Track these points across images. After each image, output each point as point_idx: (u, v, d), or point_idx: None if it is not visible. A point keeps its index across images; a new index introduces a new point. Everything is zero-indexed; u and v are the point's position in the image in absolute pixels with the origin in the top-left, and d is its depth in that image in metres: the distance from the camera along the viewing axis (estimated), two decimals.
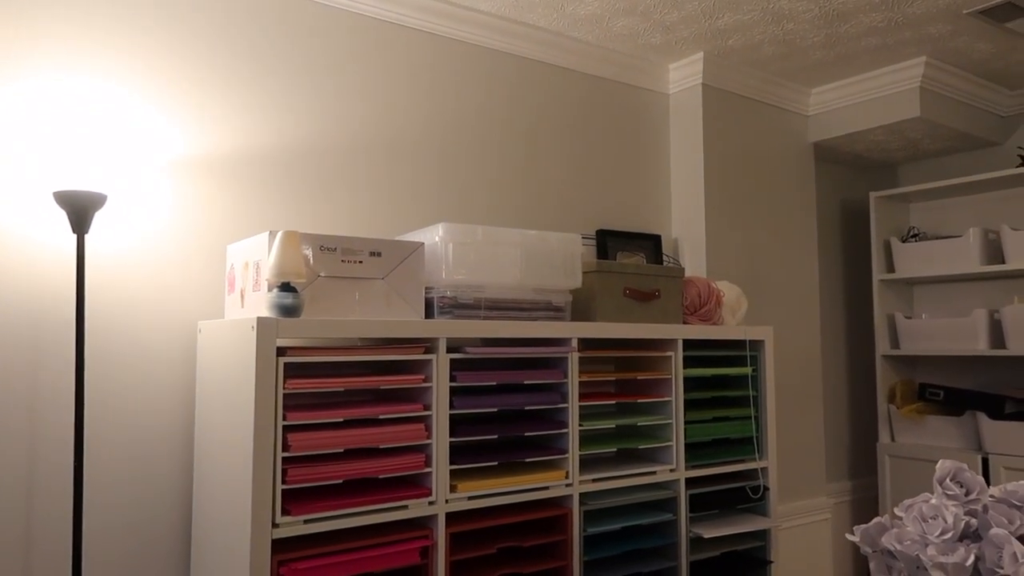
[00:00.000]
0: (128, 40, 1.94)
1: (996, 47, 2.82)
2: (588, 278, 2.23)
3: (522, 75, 2.66)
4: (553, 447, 2.10)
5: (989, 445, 2.98)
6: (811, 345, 3.23)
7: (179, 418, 1.96)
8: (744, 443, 2.49)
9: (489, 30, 2.54)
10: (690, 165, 2.97)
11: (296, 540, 1.69)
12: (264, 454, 1.59)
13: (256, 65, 2.13)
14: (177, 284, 1.98)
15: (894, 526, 1.16)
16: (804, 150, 3.31)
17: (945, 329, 3.21)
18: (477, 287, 1.99)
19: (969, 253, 3.14)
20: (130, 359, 1.90)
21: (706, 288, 2.47)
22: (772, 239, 3.13)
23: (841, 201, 3.75)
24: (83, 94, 1.87)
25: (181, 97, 2.01)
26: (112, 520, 1.86)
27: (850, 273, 3.76)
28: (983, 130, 3.26)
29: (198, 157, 2.02)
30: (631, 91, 2.96)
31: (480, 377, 1.93)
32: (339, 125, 2.26)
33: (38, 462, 1.77)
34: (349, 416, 1.73)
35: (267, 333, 1.61)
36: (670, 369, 2.29)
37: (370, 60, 2.33)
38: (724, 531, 2.30)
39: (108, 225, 1.89)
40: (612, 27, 2.63)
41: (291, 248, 1.64)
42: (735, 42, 2.77)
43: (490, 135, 2.57)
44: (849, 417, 3.67)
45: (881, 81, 3.05)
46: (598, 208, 2.82)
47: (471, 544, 1.93)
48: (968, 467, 1.16)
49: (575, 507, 2.05)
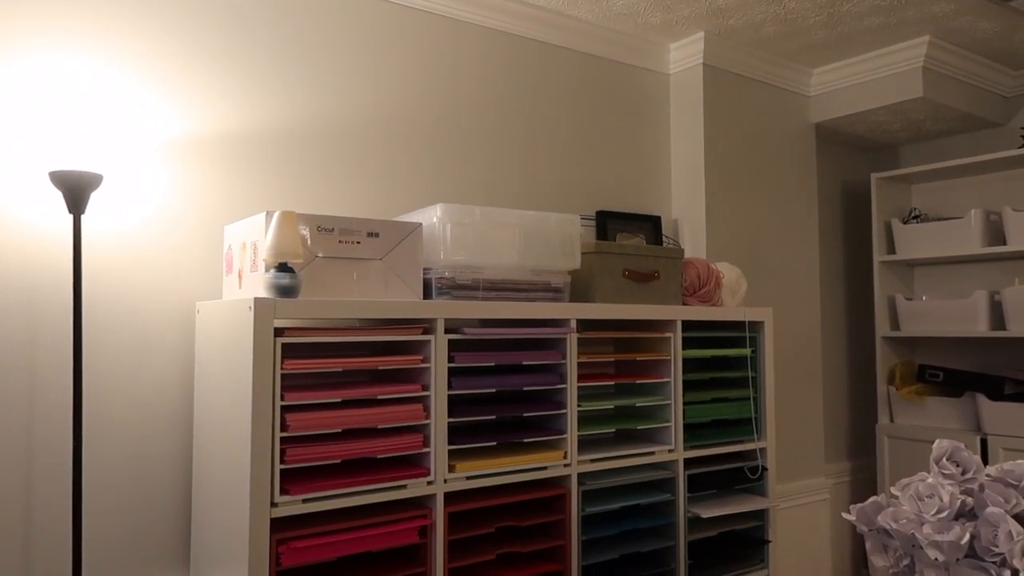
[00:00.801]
0: (123, 19, 1.92)
1: (1000, 26, 2.80)
2: (587, 259, 2.23)
3: (521, 55, 2.64)
4: (552, 427, 2.10)
5: (988, 426, 2.98)
6: (811, 326, 3.23)
7: (178, 399, 1.96)
8: (743, 424, 2.49)
9: (487, 9, 2.52)
10: (690, 146, 2.95)
11: (295, 519, 1.70)
12: (262, 434, 1.60)
13: (252, 45, 2.11)
14: (175, 265, 1.97)
15: (890, 505, 1.16)
16: (805, 131, 3.29)
17: (945, 310, 3.20)
18: (475, 268, 1.98)
19: (970, 234, 3.13)
20: (128, 340, 1.90)
21: (705, 269, 2.46)
22: (772, 220, 3.12)
23: (842, 182, 3.73)
24: (78, 74, 1.86)
25: (178, 77, 1.99)
26: (112, 500, 1.87)
27: (851, 254, 3.75)
28: (986, 111, 3.24)
29: (195, 137, 2.01)
30: (631, 71, 2.93)
31: (478, 358, 1.93)
32: (336, 105, 2.24)
33: (37, 444, 1.78)
34: (347, 396, 1.73)
35: (265, 313, 1.61)
36: (669, 350, 2.29)
37: (367, 40, 2.31)
38: (722, 511, 2.31)
39: (104, 206, 1.88)
40: (612, 6, 2.61)
41: (288, 228, 1.64)
42: (736, 21, 2.74)
43: (489, 115, 2.55)
44: (848, 398, 3.68)
45: (883, 61, 3.02)
46: (597, 189, 2.81)
47: (469, 523, 1.93)
48: (967, 448, 1.16)
49: (573, 487, 2.06)
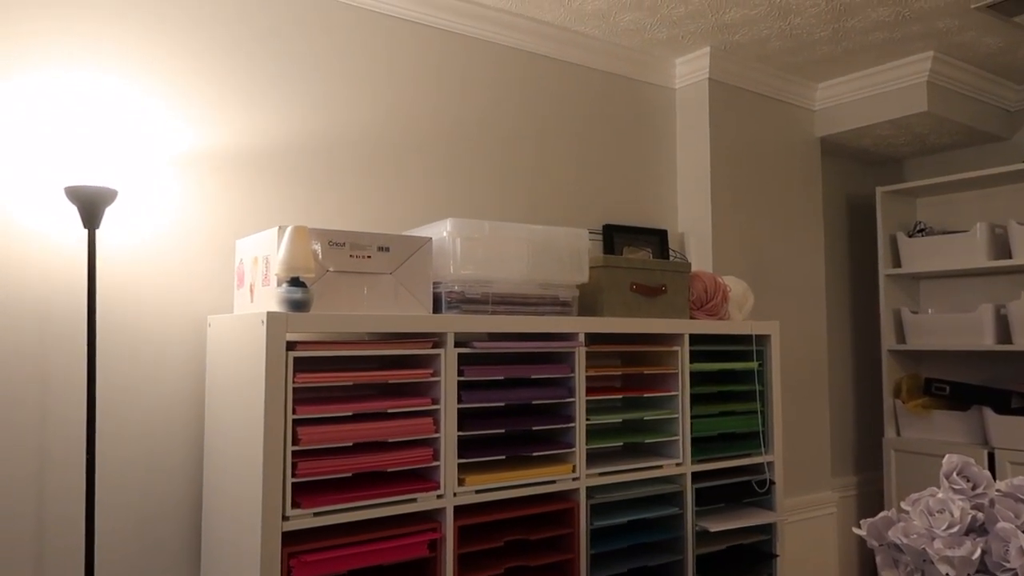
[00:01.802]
0: (139, 35, 1.95)
1: (1004, 41, 2.82)
2: (595, 273, 2.24)
3: (529, 70, 2.66)
4: (560, 441, 2.11)
5: (995, 440, 2.98)
6: (817, 340, 3.23)
7: (189, 412, 1.98)
8: (750, 437, 2.50)
9: (496, 25, 2.55)
10: (696, 160, 2.97)
11: (306, 533, 1.71)
12: (274, 447, 1.61)
13: (265, 61, 2.14)
14: (187, 279, 1.99)
15: (901, 520, 1.17)
16: (810, 145, 3.30)
17: (951, 324, 3.21)
18: (484, 282, 2.00)
19: (976, 248, 3.14)
20: (141, 353, 1.92)
21: (712, 283, 2.47)
22: (778, 234, 3.13)
23: (847, 196, 3.74)
24: (94, 89, 1.88)
25: (192, 92, 2.02)
26: (124, 513, 1.88)
27: (856, 268, 3.76)
28: (990, 125, 3.26)
29: (208, 152, 2.03)
30: (637, 86, 2.96)
31: (488, 371, 1.94)
32: (348, 121, 2.27)
33: (50, 457, 1.79)
34: (358, 410, 1.74)
35: (277, 327, 1.62)
36: (676, 364, 2.30)
37: (378, 56, 2.34)
38: (730, 525, 2.31)
39: (118, 220, 1.90)
40: (618, 22, 2.63)
41: (300, 243, 1.65)
42: (741, 37, 2.77)
43: (497, 130, 2.57)
44: (855, 412, 3.68)
45: (888, 76, 3.04)
46: (604, 203, 2.82)
47: (479, 537, 1.94)
48: (974, 462, 1.17)
49: (582, 501, 2.06)
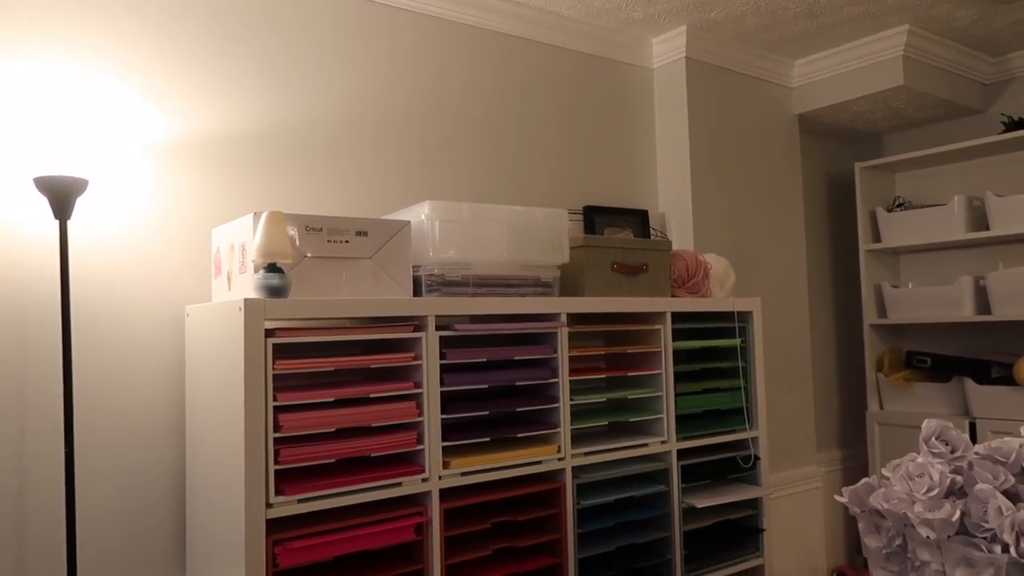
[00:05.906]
0: (106, 24, 1.91)
1: (978, 14, 2.82)
2: (576, 253, 2.23)
3: (505, 52, 2.64)
4: (545, 422, 2.11)
5: (976, 409, 3.01)
6: (799, 316, 3.25)
7: (169, 402, 1.96)
8: (734, 414, 2.51)
9: (472, 7, 2.52)
10: (675, 139, 2.96)
11: (290, 520, 1.70)
12: (255, 435, 1.60)
13: (236, 46, 2.11)
14: (163, 268, 1.97)
15: (881, 486, 1.18)
16: (789, 122, 3.31)
17: (931, 297, 3.23)
18: (464, 264, 1.99)
19: (954, 221, 3.16)
20: (118, 345, 1.89)
21: (694, 261, 2.47)
22: (759, 212, 3.14)
23: (827, 172, 3.76)
24: (61, 78, 1.85)
25: (162, 80, 1.98)
26: (105, 505, 1.86)
27: (837, 244, 3.78)
28: (966, 98, 3.27)
29: (180, 140, 2.01)
30: (615, 66, 2.94)
31: (470, 354, 1.94)
32: (321, 105, 2.24)
33: (28, 451, 1.77)
34: (340, 396, 1.73)
35: (255, 314, 1.60)
36: (659, 342, 2.30)
37: (352, 39, 2.31)
38: (716, 501, 2.32)
39: (90, 211, 1.87)
40: (594, 2, 2.61)
41: (276, 229, 1.64)
42: (717, 14, 2.76)
43: (474, 113, 2.56)
44: (838, 386, 3.71)
45: (864, 51, 3.05)
46: (585, 184, 2.82)
47: (465, 519, 1.94)
48: (952, 426, 1.18)
49: (568, 480, 2.06)
